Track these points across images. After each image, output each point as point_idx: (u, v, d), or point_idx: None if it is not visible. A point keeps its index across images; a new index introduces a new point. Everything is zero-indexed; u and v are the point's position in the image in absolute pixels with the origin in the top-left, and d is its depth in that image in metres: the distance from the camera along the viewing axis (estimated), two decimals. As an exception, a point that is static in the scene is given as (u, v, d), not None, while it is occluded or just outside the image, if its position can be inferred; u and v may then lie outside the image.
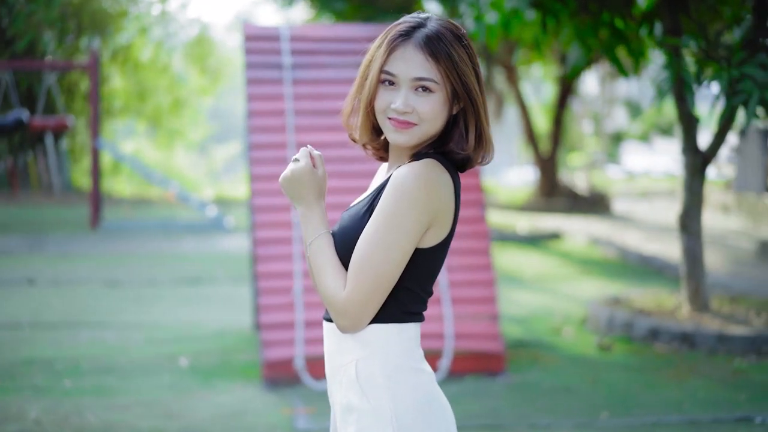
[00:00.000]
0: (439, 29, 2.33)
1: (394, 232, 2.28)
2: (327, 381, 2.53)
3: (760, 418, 5.90)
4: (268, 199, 7.08)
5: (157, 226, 16.74)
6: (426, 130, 2.36)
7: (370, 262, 2.28)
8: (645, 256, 12.48)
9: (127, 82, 21.77)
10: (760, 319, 7.97)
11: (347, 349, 2.40)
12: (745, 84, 6.50)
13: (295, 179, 2.44)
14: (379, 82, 2.37)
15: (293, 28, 7.64)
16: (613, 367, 7.22)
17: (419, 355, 2.42)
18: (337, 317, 2.33)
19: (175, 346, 7.81)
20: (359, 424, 2.34)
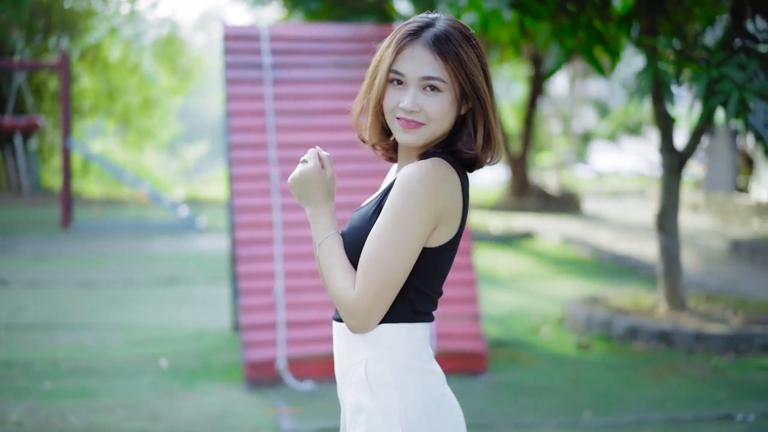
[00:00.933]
0: (448, 29, 2.33)
1: (401, 231, 2.28)
2: (337, 382, 2.53)
3: (742, 415, 5.95)
4: (248, 199, 7.06)
5: (128, 227, 16.64)
6: (434, 130, 2.36)
7: (378, 262, 2.28)
8: (619, 255, 12.56)
9: (96, 81, 21.62)
10: (737, 318, 8.04)
11: (357, 350, 2.40)
12: (724, 84, 6.55)
13: (304, 180, 2.43)
14: (387, 81, 2.37)
15: (272, 27, 7.61)
16: (593, 365, 7.26)
17: (428, 356, 2.42)
18: (346, 317, 2.33)
19: (155, 347, 7.77)
20: (369, 424, 2.34)
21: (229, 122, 7.19)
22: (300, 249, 7.01)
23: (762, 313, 8.27)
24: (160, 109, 22.50)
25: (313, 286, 6.94)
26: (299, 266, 6.97)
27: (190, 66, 22.53)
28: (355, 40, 7.67)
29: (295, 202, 7.09)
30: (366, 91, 2.45)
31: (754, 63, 6.65)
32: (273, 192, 7.05)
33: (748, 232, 14.58)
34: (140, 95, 21.82)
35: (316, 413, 6.06)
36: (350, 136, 7.35)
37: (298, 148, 7.24)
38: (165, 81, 22.51)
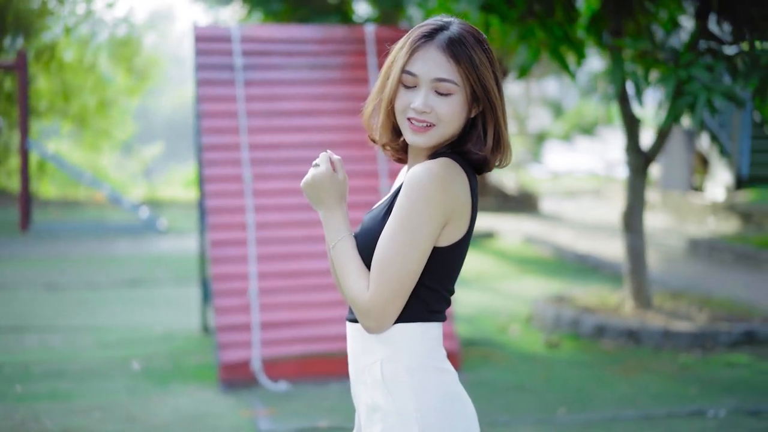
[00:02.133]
0: (462, 32, 2.37)
1: (411, 231, 2.31)
2: (351, 382, 2.55)
3: (713, 411, 6.06)
4: (221, 200, 7.06)
5: (88, 228, 16.50)
6: (444, 132, 2.39)
7: (390, 263, 2.32)
8: (580, 255, 12.68)
9: (52, 82, 21.40)
10: (702, 315, 8.17)
11: (371, 349, 2.43)
12: (692, 86, 6.66)
13: (316, 184, 2.46)
14: (400, 82, 2.40)
15: (244, 28, 7.61)
16: (564, 363, 7.35)
17: (442, 355, 2.46)
18: (362, 318, 2.37)
19: (125, 349, 7.74)
20: (384, 423, 2.37)
21: (202, 123, 7.18)
22: (273, 250, 7.03)
23: (726, 310, 8.41)
24: (116, 109, 22.32)
25: (287, 287, 6.96)
26: (273, 267, 6.98)
27: (146, 66, 22.37)
28: (326, 41, 7.69)
29: (268, 204, 7.10)
30: (378, 92, 2.48)
31: (720, 64, 6.76)
32: (246, 193, 7.06)
33: (704, 230, 14.79)
34: (97, 96, 21.63)
35: (292, 414, 6.08)
36: (322, 137, 7.39)
37: (271, 150, 7.25)
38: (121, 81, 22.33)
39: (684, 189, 17.91)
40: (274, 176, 7.19)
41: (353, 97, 7.50)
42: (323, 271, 7.05)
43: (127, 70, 22.23)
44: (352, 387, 2.55)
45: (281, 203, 7.15)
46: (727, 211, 15.25)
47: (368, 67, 7.54)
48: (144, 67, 22.19)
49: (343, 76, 7.58)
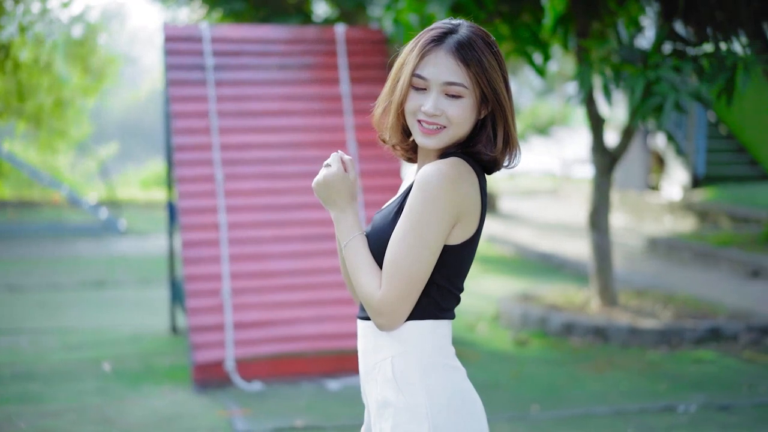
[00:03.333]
0: (471, 36, 2.40)
1: (422, 230, 2.34)
2: (361, 380, 2.58)
3: (683, 406, 6.15)
4: (194, 201, 7.04)
5: (47, 230, 16.35)
6: (454, 134, 2.43)
7: (402, 261, 2.35)
8: (543, 254, 12.79)
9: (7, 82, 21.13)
10: (668, 313, 8.29)
11: (382, 347, 2.46)
12: (661, 86, 6.75)
13: (328, 184, 2.49)
14: (410, 85, 2.43)
15: (214, 28, 7.60)
16: (533, 361, 7.42)
17: (452, 352, 2.49)
18: (374, 316, 2.40)
19: (94, 351, 7.69)
20: (395, 420, 2.40)
21: (173, 124, 7.16)
22: (246, 250, 7.03)
23: (690, 307, 8.53)
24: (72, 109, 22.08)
25: (260, 287, 6.97)
26: (245, 268, 6.98)
27: (102, 66, 22.14)
28: (297, 42, 7.70)
29: (240, 204, 7.10)
30: (388, 94, 2.51)
31: (688, 65, 6.86)
32: (218, 194, 7.05)
33: (661, 229, 14.95)
34: (53, 95, 21.38)
35: (267, 413, 6.08)
36: (293, 138, 7.40)
37: (242, 150, 7.25)
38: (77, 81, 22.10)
39: (641, 188, 18.10)
40: (245, 176, 7.19)
41: (324, 98, 7.53)
42: (295, 271, 7.07)
43: (83, 70, 21.99)
44: (362, 384, 2.57)
45: (253, 203, 7.15)
46: (684, 210, 15.44)
47: (339, 67, 7.57)
48: (100, 67, 21.96)
49: (314, 77, 7.59)
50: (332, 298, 7.03)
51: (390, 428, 2.41)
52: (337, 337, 6.92)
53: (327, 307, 7.00)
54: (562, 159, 26.26)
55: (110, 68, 22.89)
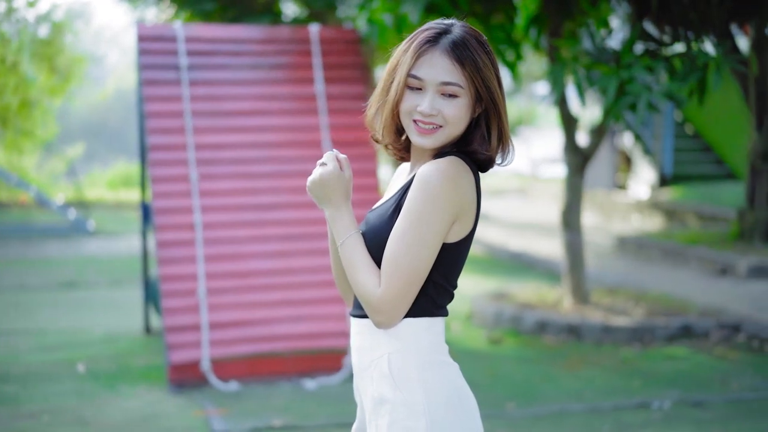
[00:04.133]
0: (465, 35, 2.43)
1: (423, 227, 2.37)
2: (354, 377, 2.59)
3: (657, 403, 6.22)
4: (169, 201, 7.03)
5: (14, 231, 16.23)
6: (450, 133, 2.46)
7: (402, 259, 2.37)
8: (514, 253, 12.85)
9: (-29, 81, 20.95)
10: (639, 310, 8.37)
11: (379, 344, 2.47)
12: (634, 86, 6.82)
13: (323, 183, 2.50)
14: (406, 85, 2.45)
15: (188, 28, 7.59)
16: (508, 359, 7.47)
17: (446, 349, 2.52)
18: (373, 313, 2.41)
19: (68, 352, 7.66)
20: (392, 416, 2.42)
21: (147, 123, 7.14)
22: (221, 250, 7.02)
23: (661, 305, 8.61)
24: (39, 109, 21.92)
25: (235, 287, 6.96)
26: (221, 268, 6.98)
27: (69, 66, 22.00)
28: (271, 41, 7.70)
29: (215, 204, 7.09)
30: (382, 94, 2.52)
31: (660, 65, 6.93)
32: (193, 194, 7.04)
33: (629, 228, 15.07)
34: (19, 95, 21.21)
35: (244, 413, 6.09)
36: (268, 137, 7.40)
37: (217, 150, 7.25)
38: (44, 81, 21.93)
39: (609, 188, 18.24)
40: (220, 176, 7.19)
41: (299, 97, 7.53)
42: (271, 271, 7.07)
43: (50, 70, 21.83)
44: (356, 381, 2.59)
45: (228, 203, 7.15)
46: (652, 208, 15.57)
47: (313, 67, 7.58)
48: (67, 67, 21.81)
49: (288, 76, 7.60)
50: (308, 297, 7.04)
51: (387, 425, 2.43)
52: (314, 336, 6.93)
53: (303, 307, 7.01)
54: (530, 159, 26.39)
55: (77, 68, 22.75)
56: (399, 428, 2.41)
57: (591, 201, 17.86)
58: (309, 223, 7.24)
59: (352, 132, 7.46)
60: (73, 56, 22.56)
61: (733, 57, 7.34)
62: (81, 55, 22.01)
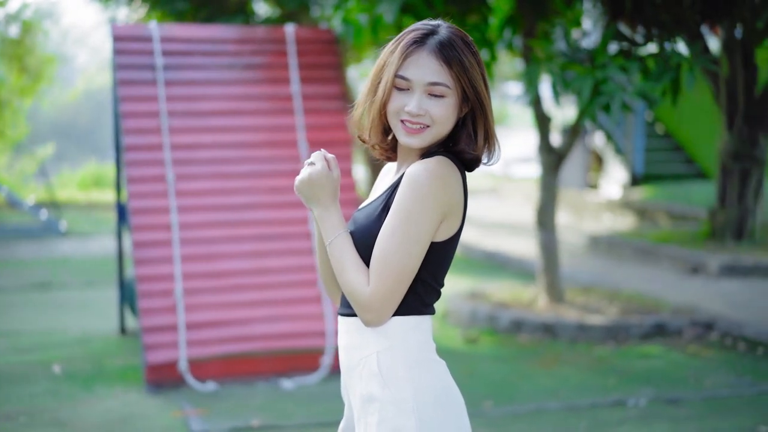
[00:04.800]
0: (451, 36, 2.46)
1: (412, 226, 2.39)
2: (342, 376, 2.61)
3: (633, 400, 6.28)
4: (145, 201, 7.01)
5: (-15, 231, 16.11)
6: (437, 132, 2.48)
7: (391, 257, 2.39)
8: (487, 252, 12.90)
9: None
10: (614, 308, 8.43)
11: (368, 342, 2.50)
12: (608, 86, 6.87)
13: (312, 182, 2.51)
14: (393, 86, 2.47)
15: (163, 28, 7.57)
16: (484, 358, 7.50)
17: (434, 347, 2.54)
18: (362, 312, 2.43)
19: (43, 353, 7.62)
20: (381, 414, 2.44)
21: (123, 124, 7.12)
22: (198, 250, 7.01)
23: (635, 303, 8.68)
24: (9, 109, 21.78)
25: (212, 288, 6.96)
26: (197, 268, 6.97)
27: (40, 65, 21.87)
28: (247, 41, 7.70)
29: (191, 204, 7.08)
30: (369, 95, 2.55)
31: (634, 65, 6.98)
32: (169, 194, 7.03)
33: (601, 227, 15.16)
34: (-12, 95, 21.08)
35: (223, 414, 6.09)
36: (244, 137, 7.40)
37: (193, 150, 7.24)
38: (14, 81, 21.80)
39: (580, 187, 18.34)
40: (196, 176, 7.18)
41: (274, 97, 7.54)
42: (248, 271, 7.07)
43: (20, 70, 21.70)
44: (344, 380, 2.61)
45: (204, 203, 7.14)
46: (623, 208, 15.68)
47: (289, 67, 7.58)
48: (37, 66, 21.70)
49: (264, 76, 7.60)
50: (285, 297, 7.05)
51: (376, 423, 2.45)
52: (291, 336, 6.94)
53: (280, 307, 7.02)
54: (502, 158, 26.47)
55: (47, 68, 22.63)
56: (388, 426, 2.43)
57: (563, 200, 17.95)
58: (285, 223, 7.25)
59: (328, 132, 7.47)
60: (43, 56, 22.47)
61: (705, 57, 7.41)
62: (51, 55, 21.92)
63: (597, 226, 15.29)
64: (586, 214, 16.77)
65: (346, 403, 2.65)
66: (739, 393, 6.47)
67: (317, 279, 7.08)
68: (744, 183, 10.98)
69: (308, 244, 7.19)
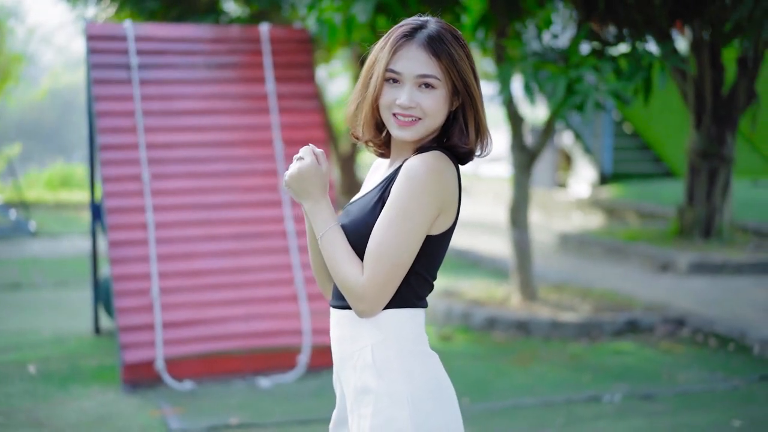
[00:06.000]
0: (440, 30, 2.50)
1: (408, 219, 2.43)
2: (335, 369, 2.64)
3: (608, 396, 6.35)
4: (121, 200, 7.00)
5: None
6: (429, 125, 2.52)
7: (387, 249, 2.43)
8: (459, 250, 12.95)
9: None
10: (586, 306, 8.51)
11: (361, 335, 2.53)
12: (582, 85, 6.94)
13: (302, 177, 2.54)
14: (384, 80, 2.51)
15: (138, 27, 7.56)
16: (459, 355, 7.55)
17: (426, 339, 2.59)
18: (356, 302, 2.47)
19: (17, 353, 7.59)
20: (376, 406, 2.48)
21: (98, 123, 7.11)
22: (174, 249, 7.01)
23: (607, 301, 8.77)
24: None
25: (188, 286, 6.96)
26: (174, 267, 6.97)
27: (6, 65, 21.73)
28: (221, 41, 7.70)
29: (167, 203, 7.08)
30: (361, 91, 2.58)
31: (607, 64, 7.06)
32: (145, 193, 7.02)
33: (570, 226, 15.27)
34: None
35: (200, 412, 6.10)
36: (219, 137, 7.41)
37: (169, 149, 7.24)
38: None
39: (549, 186, 18.45)
40: (172, 175, 7.18)
41: (249, 97, 7.55)
42: (224, 270, 7.08)
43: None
44: (336, 372, 2.64)
45: (180, 202, 7.14)
46: (592, 206, 15.80)
47: (264, 66, 7.60)
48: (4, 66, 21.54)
49: (239, 76, 7.61)
50: (262, 296, 7.06)
51: (370, 414, 2.48)
52: (268, 334, 6.95)
53: (257, 306, 7.03)
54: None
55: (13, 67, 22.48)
56: (382, 418, 2.47)
57: (532, 199, 18.05)
58: (261, 221, 7.27)
59: (303, 131, 7.49)
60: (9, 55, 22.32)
61: (675, 57, 7.50)
62: (17, 54, 21.77)
63: (567, 225, 15.40)
64: (556, 213, 16.88)
65: (338, 394, 2.68)
66: (711, 388, 6.56)
67: (294, 277, 7.10)
68: (712, 181, 11.11)
69: (284, 242, 7.21)
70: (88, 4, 15.94)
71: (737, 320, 8.09)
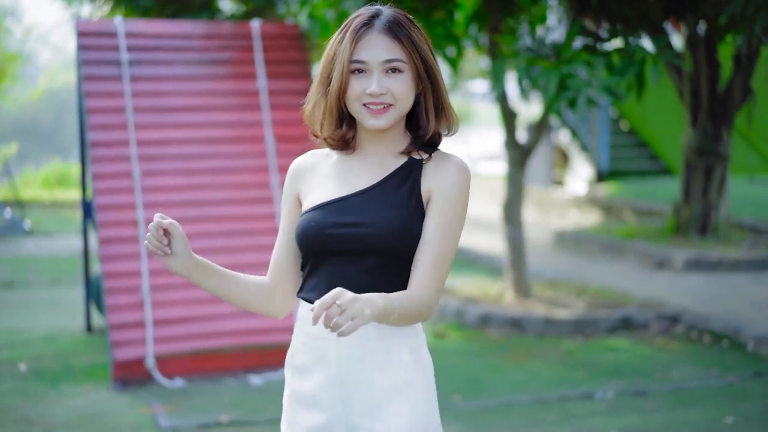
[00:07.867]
0: (396, 15, 2.49)
1: (460, 225, 2.50)
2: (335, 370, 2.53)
3: (601, 393, 6.32)
4: (112, 197, 6.97)
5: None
6: (401, 109, 2.50)
7: (447, 255, 2.47)
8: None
9: None
10: (581, 303, 8.48)
11: (392, 332, 2.49)
12: (574, 81, 6.91)
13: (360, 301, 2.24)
14: (350, 72, 2.48)
15: (129, 23, 7.53)
16: (453, 353, 7.52)
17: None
18: (428, 315, 2.47)
19: (9, 351, 7.56)
20: (415, 401, 2.49)
21: (88, 120, 7.07)
22: (165, 247, 6.96)
23: (602, 298, 8.74)
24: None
25: (180, 284, 6.92)
26: (165, 264, 6.92)
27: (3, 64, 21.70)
28: (213, 37, 7.67)
29: (158, 200, 7.05)
30: (321, 86, 2.53)
31: (599, 60, 7.03)
32: (136, 190, 6.99)
33: (566, 223, 15.25)
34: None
35: (191, 410, 6.07)
36: (211, 133, 7.37)
37: (160, 146, 7.21)
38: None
39: (546, 184, 18.42)
40: (163, 172, 7.15)
41: (241, 93, 7.52)
42: (215, 267, 7.03)
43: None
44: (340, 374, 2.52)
45: (172, 199, 7.11)
46: (589, 204, 15.77)
47: (255, 62, 7.56)
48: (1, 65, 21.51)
49: (231, 72, 7.58)
50: (253, 293, 7.02)
51: (408, 411, 2.47)
52: (259, 332, 6.92)
53: (248, 303, 6.98)
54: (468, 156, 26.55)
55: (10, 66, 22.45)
56: (420, 411, 2.49)
57: (529, 197, 18.02)
58: (252, 219, 7.23)
59: (296, 128, 7.46)
60: (5, 54, 22.29)
61: (669, 52, 7.47)
62: (14, 53, 21.74)
63: (563, 223, 15.37)
64: (552, 210, 16.85)
65: (327, 401, 2.54)
66: (705, 385, 6.53)
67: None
68: (708, 178, 11.07)
69: (275, 239, 7.16)
70: (84, 3, 15.90)
71: (732, 317, 8.06)
